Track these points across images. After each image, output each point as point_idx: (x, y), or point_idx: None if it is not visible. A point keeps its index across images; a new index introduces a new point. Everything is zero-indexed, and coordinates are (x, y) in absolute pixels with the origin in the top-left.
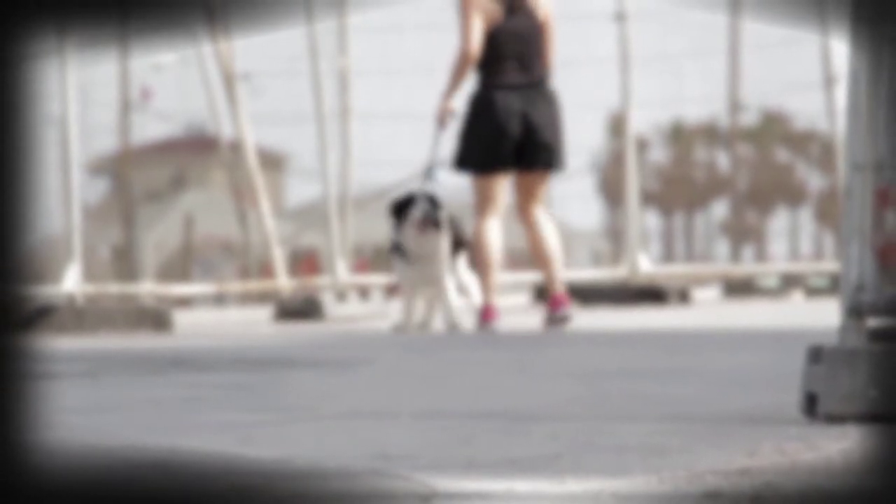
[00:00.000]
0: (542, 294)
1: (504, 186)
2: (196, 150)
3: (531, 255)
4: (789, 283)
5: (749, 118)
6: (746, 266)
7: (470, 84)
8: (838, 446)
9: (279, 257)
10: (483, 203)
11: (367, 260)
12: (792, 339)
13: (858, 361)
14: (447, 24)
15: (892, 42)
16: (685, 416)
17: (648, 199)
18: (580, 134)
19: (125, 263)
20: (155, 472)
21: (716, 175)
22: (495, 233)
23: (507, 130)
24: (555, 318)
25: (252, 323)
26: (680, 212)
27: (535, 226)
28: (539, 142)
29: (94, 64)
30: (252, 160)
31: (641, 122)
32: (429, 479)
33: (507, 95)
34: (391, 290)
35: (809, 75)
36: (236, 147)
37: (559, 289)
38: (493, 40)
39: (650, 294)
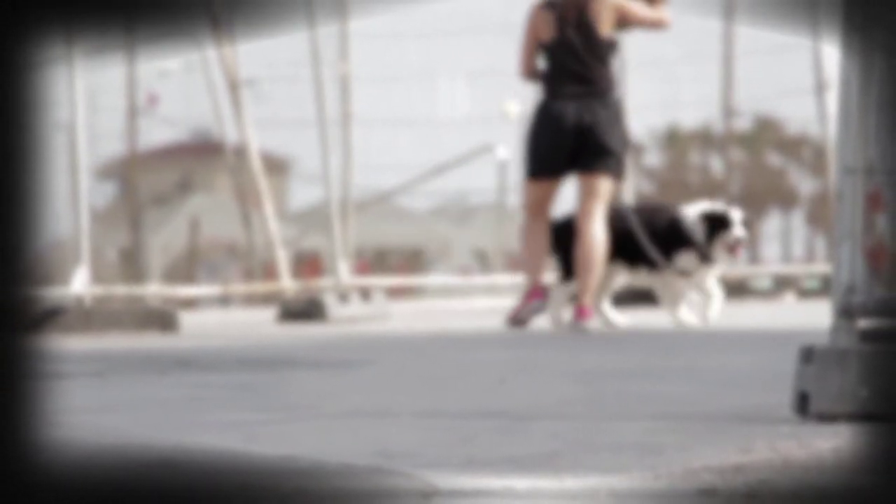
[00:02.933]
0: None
1: (553, 191)
2: (201, 154)
3: (576, 257)
4: (782, 284)
5: (742, 123)
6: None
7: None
8: (830, 444)
9: (282, 259)
10: (532, 206)
11: (368, 262)
12: (784, 340)
13: (849, 361)
14: (446, 32)
15: (883, 49)
16: (680, 415)
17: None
18: None
19: (132, 266)
20: (162, 470)
21: (710, 179)
22: (542, 235)
23: (559, 138)
24: (576, 327)
25: (256, 324)
26: None
27: (585, 234)
28: (595, 145)
29: (101, 71)
30: (256, 164)
31: (637, 127)
32: (430, 476)
33: (563, 105)
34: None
35: (801, 81)
36: (241, 151)
37: (586, 301)
38: (550, 54)
39: (645, 295)
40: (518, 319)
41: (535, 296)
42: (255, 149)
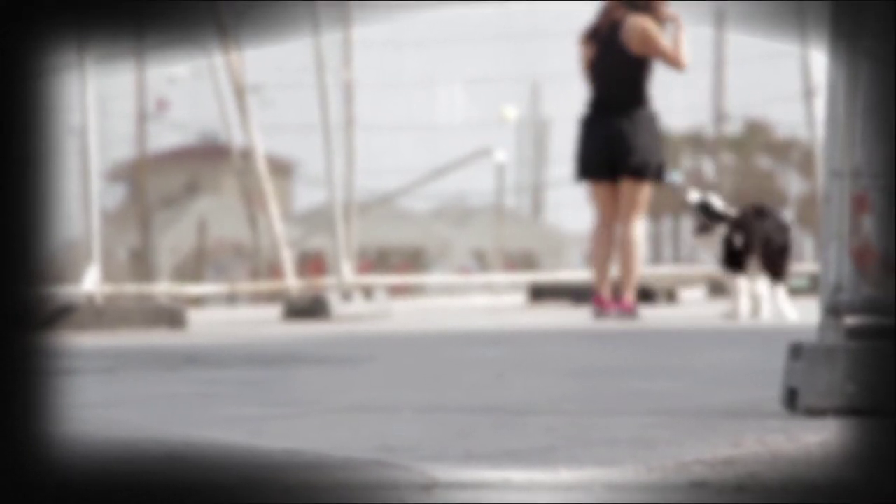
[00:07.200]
0: (537, 294)
1: (604, 195)
2: (209, 157)
3: (617, 257)
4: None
5: (733, 127)
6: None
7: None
8: (817, 438)
9: (287, 259)
10: (596, 209)
11: (370, 261)
12: (773, 337)
13: (837, 358)
14: (445, 39)
15: (869, 56)
16: (672, 411)
17: None
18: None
19: (142, 265)
20: (170, 464)
21: (701, 181)
22: (604, 235)
23: (593, 147)
24: (622, 317)
25: (262, 321)
26: (668, 216)
27: (624, 236)
28: (617, 156)
29: (112, 77)
30: (262, 167)
31: None
32: (429, 469)
33: (597, 119)
34: None
35: (790, 87)
36: (247, 155)
37: (628, 296)
38: (591, 71)
39: (639, 294)
40: (602, 314)
41: (606, 303)
42: (261, 152)
